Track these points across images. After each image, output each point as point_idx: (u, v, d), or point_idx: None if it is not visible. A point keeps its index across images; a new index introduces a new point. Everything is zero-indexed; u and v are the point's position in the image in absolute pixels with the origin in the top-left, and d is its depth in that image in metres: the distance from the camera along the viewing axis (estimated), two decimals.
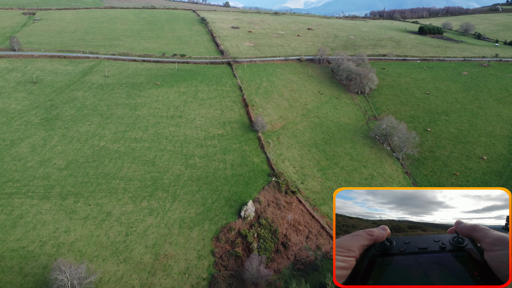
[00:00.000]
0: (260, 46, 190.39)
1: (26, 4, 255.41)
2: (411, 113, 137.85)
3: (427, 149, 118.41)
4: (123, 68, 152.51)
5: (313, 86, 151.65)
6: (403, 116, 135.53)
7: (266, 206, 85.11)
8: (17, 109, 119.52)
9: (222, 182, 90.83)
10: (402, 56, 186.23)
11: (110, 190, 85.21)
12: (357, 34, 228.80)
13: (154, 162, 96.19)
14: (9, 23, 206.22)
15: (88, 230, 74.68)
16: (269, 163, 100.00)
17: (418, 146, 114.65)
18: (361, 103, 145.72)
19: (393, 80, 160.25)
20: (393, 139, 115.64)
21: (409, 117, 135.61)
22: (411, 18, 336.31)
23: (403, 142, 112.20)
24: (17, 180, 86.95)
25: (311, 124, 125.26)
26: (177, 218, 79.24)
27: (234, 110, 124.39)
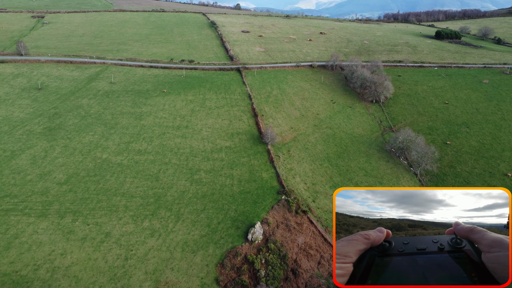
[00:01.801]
0: (271, 52, 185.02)
1: (36, 7, 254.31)
2: (429, 124, 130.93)
3: (447, 164, 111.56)
4: (130, 74, 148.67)
5: (326, 94, 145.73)
6: (421, 128, 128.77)
7: (275, 227, 79.67)
8: (20, 117, 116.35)
9: (228, 200, 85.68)
10: (418, 62, 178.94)
11: (110, 208, 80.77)
12: (371, 39, 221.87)
13: (157, 177, 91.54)
14: (18, 27, 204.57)
15: (85, 253, 70.20)
16: (278, 179, 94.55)
17: (438, 161, 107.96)
18: (375, 112, 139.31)
19: (410, 88, 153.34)
20: (411, 154, 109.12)
21: (427, 128, 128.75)
22: (426, 21, 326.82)
23: (422, 157, 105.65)
24: (15, 195, 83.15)
25: (324, 135, 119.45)
26: (180, 241, 74.29)
27: (243, 120, 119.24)
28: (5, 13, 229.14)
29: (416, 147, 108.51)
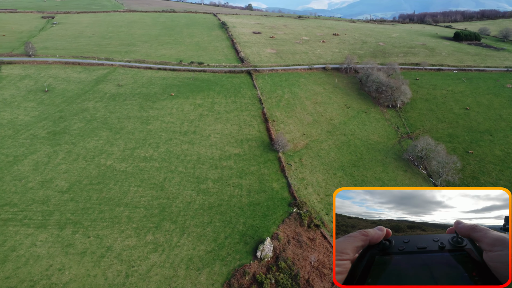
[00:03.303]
0: (283, 53, 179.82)
1: (47, 7, 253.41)
2: (449, 131, 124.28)
3: (469, 174, 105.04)
4: (138, 76, 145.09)
5: (339, 99, 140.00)
6: (440, 135, 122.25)
7: (285, 243, 74.57)
8: (25, 120, 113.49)
9: (237, 212, 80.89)
10: (437, 65, 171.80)
11: (112, 219, 76.69)
12: (386, 40, 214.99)
13: (163, 186, 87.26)
14: (27, 27, 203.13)
15: (84, 269, 66.12)
16: (290, 189, 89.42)
17: (460, 172, 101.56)
18: (392, 118, 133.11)
19: (428, 93, 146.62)
20: (431, 163, 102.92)
21: (447, 136, 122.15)
22: (443, 22, 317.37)
23: (442, 167, 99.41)
24: (15, 204, 79.71)
25: (337, 142, 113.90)
26: (185, 257, 69.75)
27: (253, 126, 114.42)
28: (15, 14, 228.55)
29: (437, 156, 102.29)
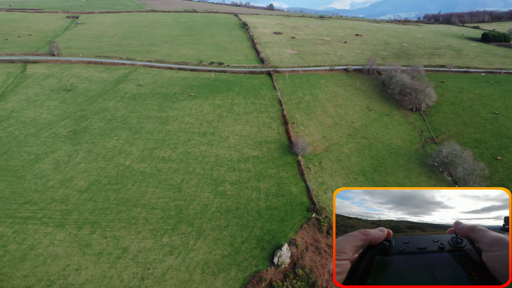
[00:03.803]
0: (304, 54, 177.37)
1: (71, 7, 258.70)
2: (476, 137, 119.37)
3: (498, 182, 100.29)
4: (158, 76, 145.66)
5: (361, 101, 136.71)
6: (467, 140, 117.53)
7: (303, 250, 72.67)
8: (47, 119, 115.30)
9: (254, 216, 79.46)
10: (463, 67, 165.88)
11: (129, 220, 76.52)
12: (410, 41, 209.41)
13: (180, 188, 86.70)
14: (52, 27, 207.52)
15: (100, 270, 66.02)
16: (309, 194, 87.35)
17: (487, 180, 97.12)
18: (416, 122, 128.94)
19: (454, 96, 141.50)
20: (457, 170, 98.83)
21: (474, 141, 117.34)
22: (470, 22, 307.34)
23: (469, 174, 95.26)
24: (35, 202, 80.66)
25: (358, 146, 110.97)
26: (201, 260, 68.77)
27: (272, 128, 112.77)
28: (41, 13, 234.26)
29: (463, 162, 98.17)
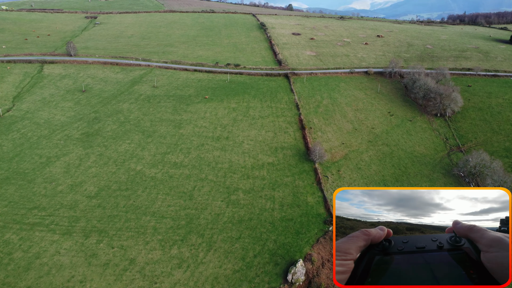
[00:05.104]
0: (323, 56, 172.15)
1: (91, 7, 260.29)
2: (506, 145, 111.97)
3: None
4: (173, 78, 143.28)
5: (382, 106, 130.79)
6: (496, 149, 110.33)
7: (319, 266, 68.20)
8: (61, 120, 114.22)
9: (268, 228, 75.41)
10: (491, 71, 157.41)
11: (138, 229, 73.68)
12: (435, 43, 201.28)
13: (192, 195, 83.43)
14: (71, 27, 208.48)
15: (106, 282, 63.27)
16: (326, 205, 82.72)
17: None
18: (440, 128, 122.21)
19: (482, 101, 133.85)
20: (485, 181, 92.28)
21: (504, 150, 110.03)
22: (497, 23, 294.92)
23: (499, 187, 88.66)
24: (43, 207, 78.84)
25: (379, 153, 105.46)
26: (210, 275, 65.21)
27: (289, 133, 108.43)
28: (61, 14, 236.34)
29: (492, 174, 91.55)
